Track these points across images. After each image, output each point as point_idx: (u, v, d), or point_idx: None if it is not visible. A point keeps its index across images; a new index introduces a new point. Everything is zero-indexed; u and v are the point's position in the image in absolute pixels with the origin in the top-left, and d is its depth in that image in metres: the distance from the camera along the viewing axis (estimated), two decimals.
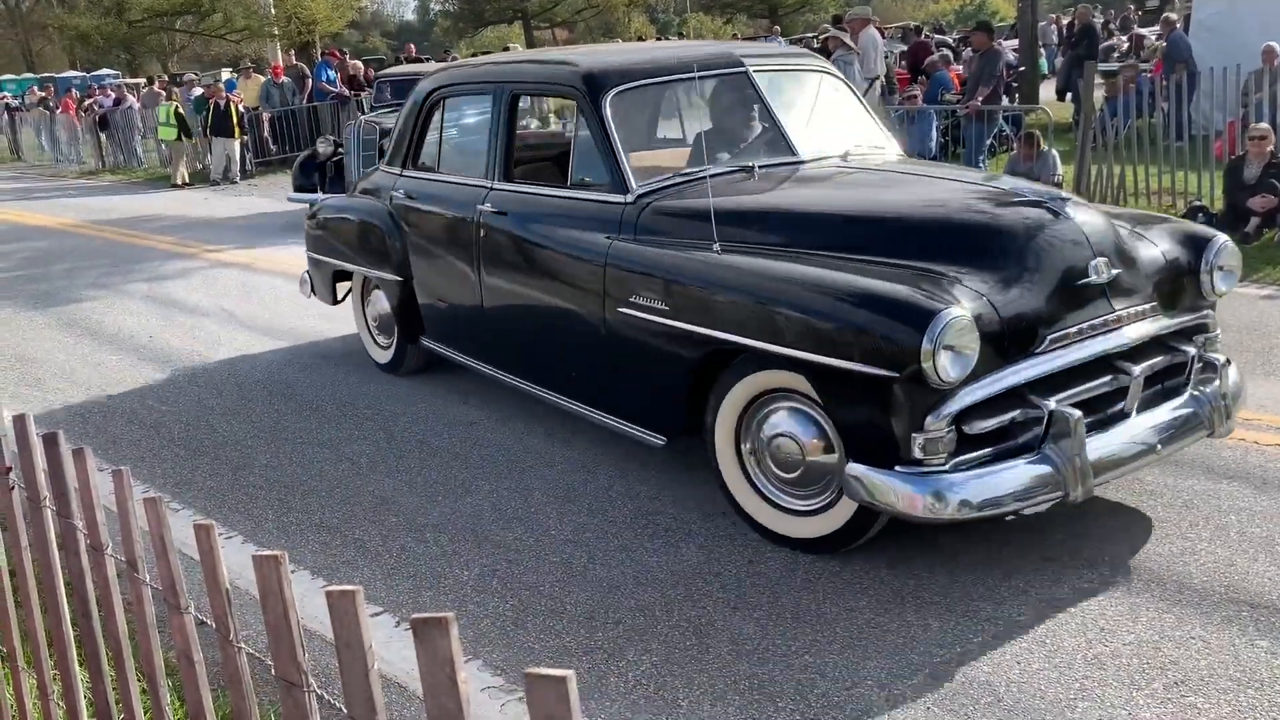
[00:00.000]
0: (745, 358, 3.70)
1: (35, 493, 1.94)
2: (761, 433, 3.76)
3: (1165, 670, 2.95)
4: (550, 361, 4.72)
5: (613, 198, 4.33)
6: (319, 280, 6.50)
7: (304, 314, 7.78)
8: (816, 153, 4.54)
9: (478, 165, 5.16)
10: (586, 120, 4.47)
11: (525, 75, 5.23)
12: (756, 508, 3.82)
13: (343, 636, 1.11)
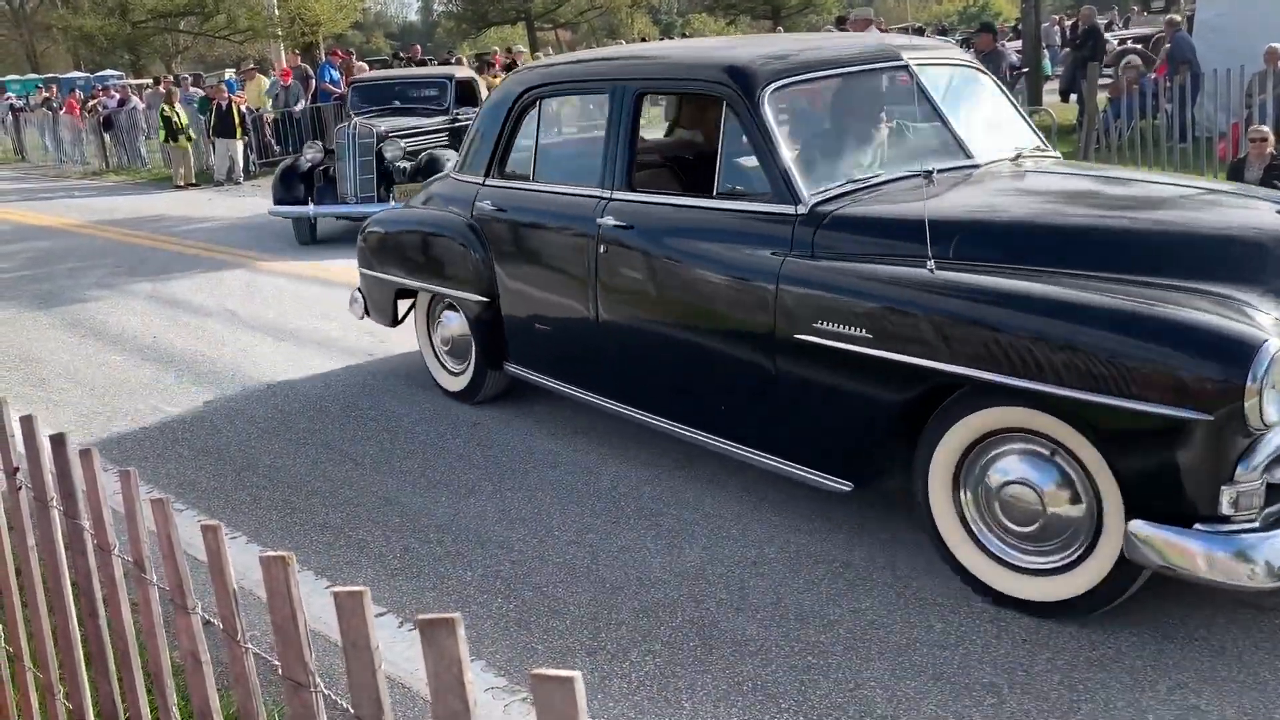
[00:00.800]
0: (968, 393, 3.19)
1: (42, 493, 1.95)
2: (987, 480, 3.26)
3: (1169, 672, 2.95)
4: (695, 396, 4.14)
5: (779, 208, 3.77)
6: (376, 299, 5.90)
7: (307, 314, 7.80)
8: (989, 154, 4.10)
9: (591, 173, 4.57)
10: (740, 120, 3.93)
11: (653, 72, 4.64)
12: (982, 566, 3.32)
13: (350, 636, 1.11)
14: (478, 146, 5.31)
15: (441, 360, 5.66)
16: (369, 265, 5.85)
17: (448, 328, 5.49)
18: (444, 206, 5.41)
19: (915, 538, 3.78)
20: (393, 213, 6.04)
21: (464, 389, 5.48)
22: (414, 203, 5.87)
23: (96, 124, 21.06)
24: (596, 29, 50.25)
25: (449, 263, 5.25)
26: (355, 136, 10.53)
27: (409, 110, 11.87)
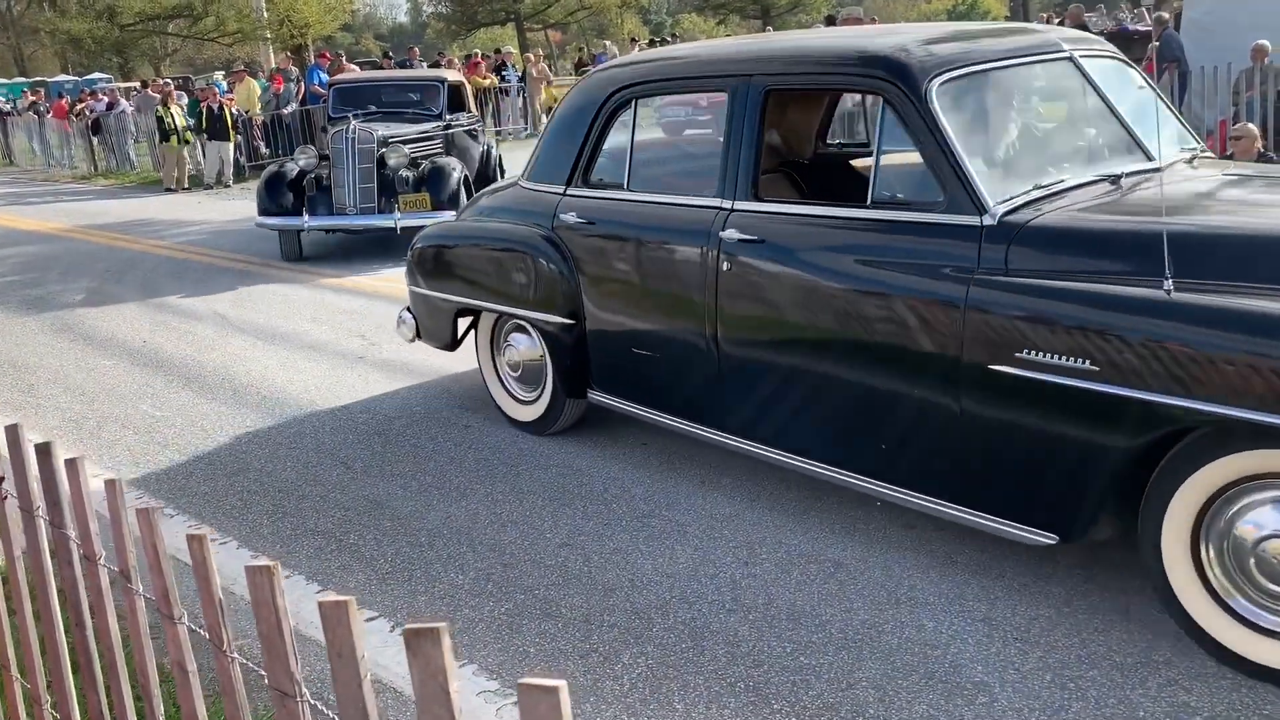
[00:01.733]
0: (1213, 433, 2.80)
1: (28, 502, 1.94)
2: (1235, 533, 2.85)
3: (1159, 669, 2.96)
4: (848, 434, 3.64)
5: (959, 219, 3.30)
6: (431, 320, 5.36)
7: (297, 318, 7.78)
8: (1166, 155, 3.68)
9: (704, 182, 4.11)
10: (903, 118, 3.44)
11: (785, 65, 4.00)
12: (1232, 634, 2.90)
13: (336, 646, 1.11)
14: (555, 153, 4.80)
15: (508, 387, 5.14)
16: (423, 283, 5.30)
17: (517, 351, 4.98)
18: (515, 219, 4.88)
19: (906, 537, 3.79)
20: (451, 225, 5.44)
21: (537, 419, 4.97)
22: (468, 215, 5.39)
23: (85, 128, 20.99)
24: (586, 29, 50.24)
25: (524, 281, 4.73)
26: (354, 142, 9.64)
27: (396, 115, 10.85)
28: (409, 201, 9.52)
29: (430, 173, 9.78)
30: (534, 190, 4.88)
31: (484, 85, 19.64)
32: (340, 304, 8.17)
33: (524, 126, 21.47)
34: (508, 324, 5.06)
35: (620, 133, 4.53)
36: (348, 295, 8.47)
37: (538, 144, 5.01)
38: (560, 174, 4.73)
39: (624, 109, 4.47)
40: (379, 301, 8.20)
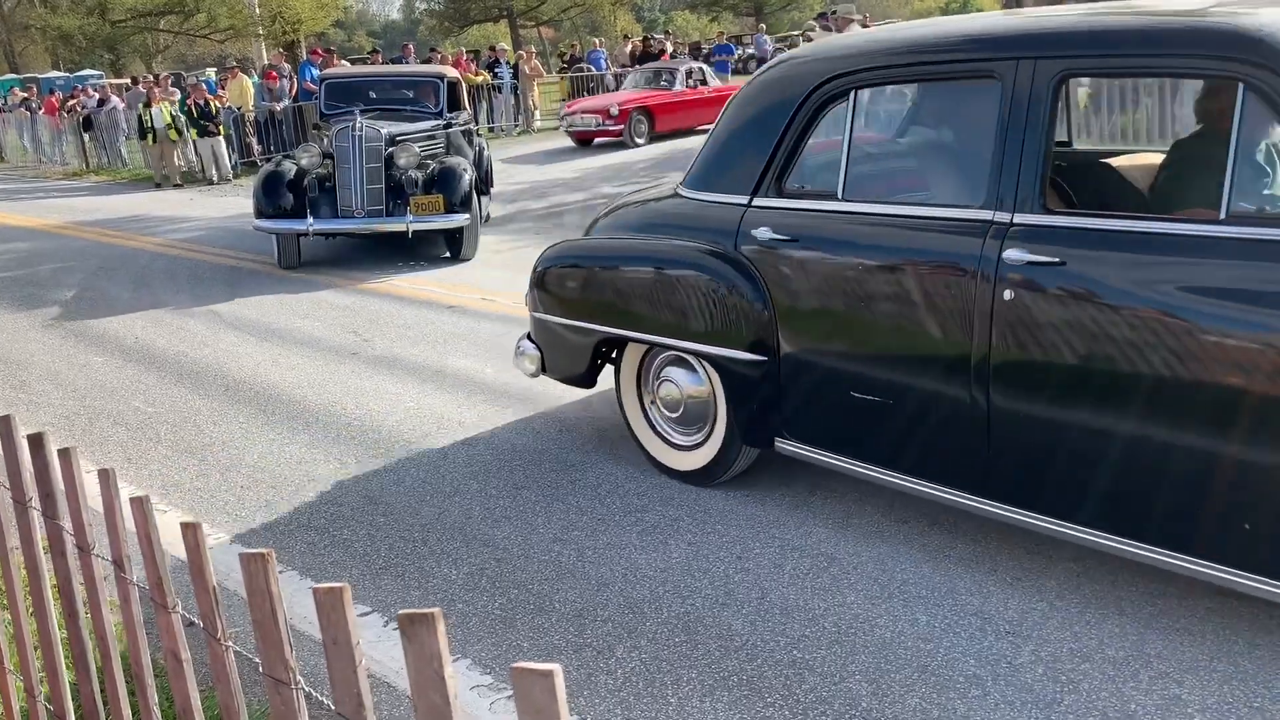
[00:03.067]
0: None
1: (21, 493, 1.94)
2: None
3: (1150, 662, 2.97)
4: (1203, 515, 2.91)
5: None
6: (564, 353, 4.63)
7: (290, 314, 7.77)
8: None
9: (963, 188, 3.46)
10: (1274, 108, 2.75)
11: (1095, 46, 3.20)
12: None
13: (330, 633, 1.11)
14: (734, 157, 4.04)
15: (661, 430, 4.43)
16: (553, 310, 4.59)
17: (677, 389, 4.26)
18: (679, 235, 4.14)
19: (899, 531, 3.80)
20: (589, 244, 4.65)
21: (702, 468, 4.25)
22: (606, 230, 4.66)
23: (76, 124, 20.93)
24: (579, 26, 50.22)
25: (694, 308, 4.00)
26: (361, 140, 9.06)
27: (392, 113, 10.29)
28: (421, 204, 8.98)
29: (440, 173, 9.23)
30: (703, 200, 4.11)
31: (475, 82, 19.62)
32: (333, 300, 8.16)
33: (516, 123, 21.45)
34: (661, 357, 4.36)
35: (830, 130, 3.74)
36: (341, 292, 8.46)
37: (706, 147, 4.19)
38: (742, 181, 3.96)
39: (837, 101, 3.68)
40: (371, 298, 8.20)
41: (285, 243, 9.31)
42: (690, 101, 18.31)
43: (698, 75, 18.96)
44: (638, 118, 17.52)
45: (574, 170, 15.37)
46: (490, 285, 8.32)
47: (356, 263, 9.52)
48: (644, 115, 17.66)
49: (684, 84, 18.49)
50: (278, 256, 9.41)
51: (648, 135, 17.62)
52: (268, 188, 9.16)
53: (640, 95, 18.13)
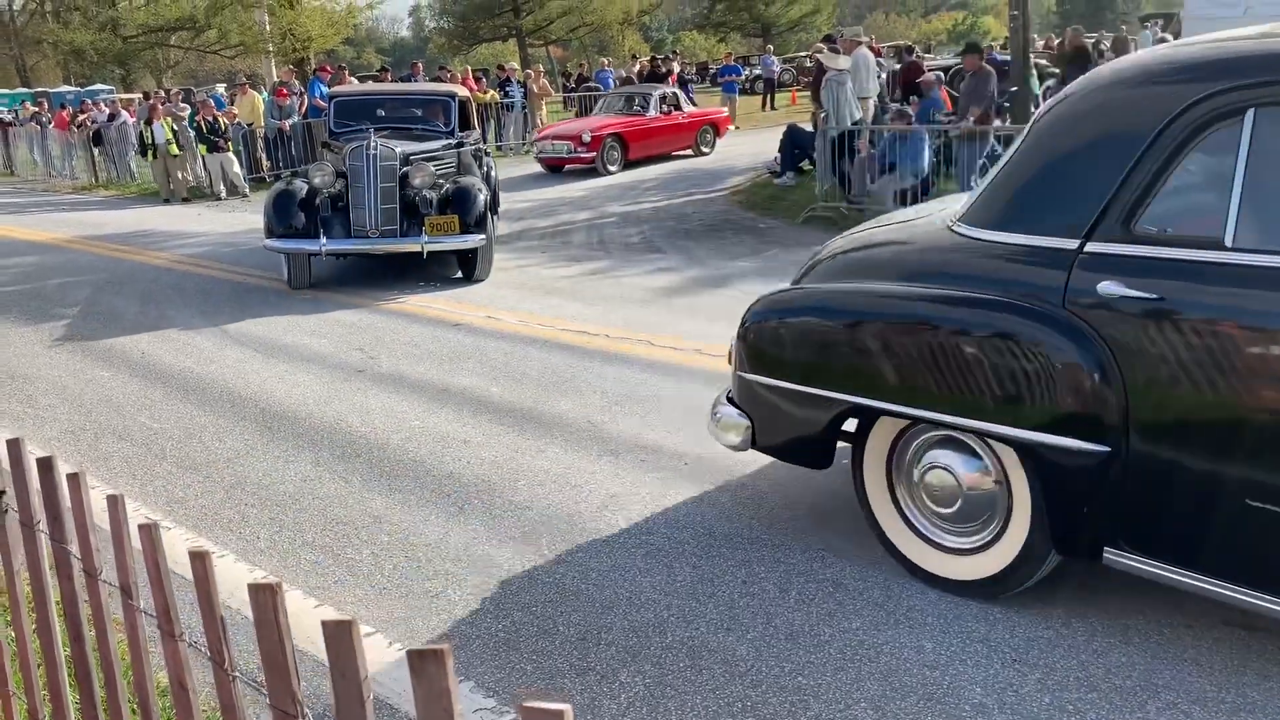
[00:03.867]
0: None
1: (29, 516, 1.94)
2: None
3: (1159, 692, 2.95)
4: None
5: None
6: (788, 424, 3.86)
7: (297, 330, 7.78)
8: None
9: None
10: None
11: None
12: None
13: (339, 666, 1.11)
14: (1058, 187, 3.25)
15: (922, 528, 3.61)
16: (774, 371, 3.82)
17: (952, 479, 3.47)
18: (963, 284, 3.36)
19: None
20: (825, 292, 3.82)
21: (987, 578, 3.44)
22: (837, 275, 3.92)
23: (86, 138, 21.04)
24: (587, 45, 50.47)
25: (1000, 379, 3.17)
26: (375, 159, 8.91)
27: (402, 131, 10.14)
28: (436, 224, 8.87)
29: (455, 194, 9.14)
30: (1003, 243, 3.32)
31: (483, 101, 19.71)
32: (340, 317, 8.17)
33: (523, 143, 21.53)
34: (925, 436, 3.57)
35: (1218, 159, 2.93)
36: (347, 309, 8.48)
37: (1004, 175, 3.42)
38: (1068, 221, 3.17)
39: (1222, 122, 2.87)
40: (378, 315, 8.21)
41: (296, 263, 9.17)
42: (664, 128, 17.76)
43: (671, 100, 18.31)
44: (610, 144, 16.90)
45: (581, 189, 15.41)
46: (496, 304, 8.34)
47: (366, 282, 9.54)
48: (617, 142, 17.03)
49: (658, 109, 17.85)
50: (288, 276, 9.29)
51: (620, 162, 17.01)
52: (279, 207, 9.00)
53: (613, 121, 17.48)
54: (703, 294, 8.39)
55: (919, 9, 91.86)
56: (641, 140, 17.37)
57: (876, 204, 10.80)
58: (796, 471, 4.61)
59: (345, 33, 30.29)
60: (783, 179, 13.44)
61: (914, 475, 3.61)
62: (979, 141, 10.40)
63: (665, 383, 6.00)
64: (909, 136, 10.69)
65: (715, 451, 4.89)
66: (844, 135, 11.24)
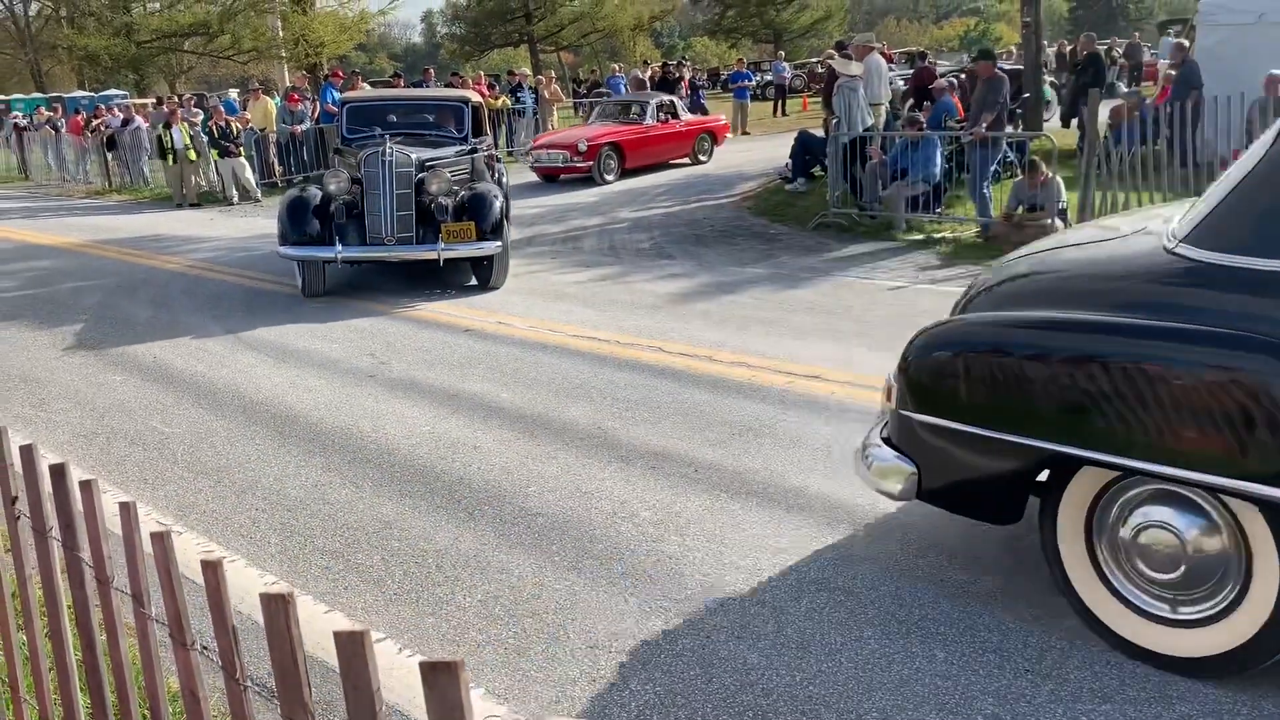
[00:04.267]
0: None
1: (41, 523, 1.94)
2: None
3: (1172, 704, 2.93)
4: None
5: None
6: (967, 474, 3.39)
7: (309, 335, 7.80)
8: None
9: None
10: None
11: None
12: None
13: (350, 678, 1.10)
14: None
15: (1130, 596, 3.16)
16: (950, 412, 3.35)
17: (1176, 540, 3.03)
18: (1199, 317, 2.92)
19: (917, 565, 3.76)
20: (1008, 321, 3.40)
21: (1216, 656, 3.00)
22: (1014, 298, 3.57)
23: (100, 143, 21.15)
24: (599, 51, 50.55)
25: (1247, 426, 2.74)
26: (391, 165, 8.78)
27: (416, 137, 9.94)
28: (453, 231, 8.76)
29: (471, 200, 9.02)
30: (1248, 269, 2.89)
31: (495, 107, 19.74)
32: (351, 323, 8.19)
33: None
34: (1135, 491, 3.13)
35: None
36: (359, 315, 8.49)
37: (1244, 190, 3.01)
38: None
39: None
40: (390, 321, 8.22)
41: (310, 270, 9.07)
42: (662, 136, 17.39)
43: (669, 108, 17.88)
44: (607, 154, 16.52)
45: (593, 195, 15.42)
46: (507, 309, 8.34)
47: (379, 288, 9.55)
48: (614, 152, 16.65)
49: (655, 118, 17.43)
50: (302, 284, 9.20)
51: (617, 172, 16.66)
52: (293, 214, 8.89)
53: (609, 130, 17.13)
54: (714, 300, 8.38)
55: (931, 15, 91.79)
56: (638, 149, 17.04)
57: (888, 210, 10.79)
58: (807, 475, 4.59)
59: (357, 38, 30.38)
60: (794, 185, 13.43)
61: (1122, 534, 3.14)
62: (991, 148, 10.37)
63: (676, 389, 5.99)
64: (921, 143, 10.67)
65: (725, 459, 4.88)
66: (856, 141, 11.23)
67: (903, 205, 10.71)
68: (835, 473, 4.64)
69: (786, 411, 5.52)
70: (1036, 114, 13.95)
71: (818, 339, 6.94)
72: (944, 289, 8.39)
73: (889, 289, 8.43)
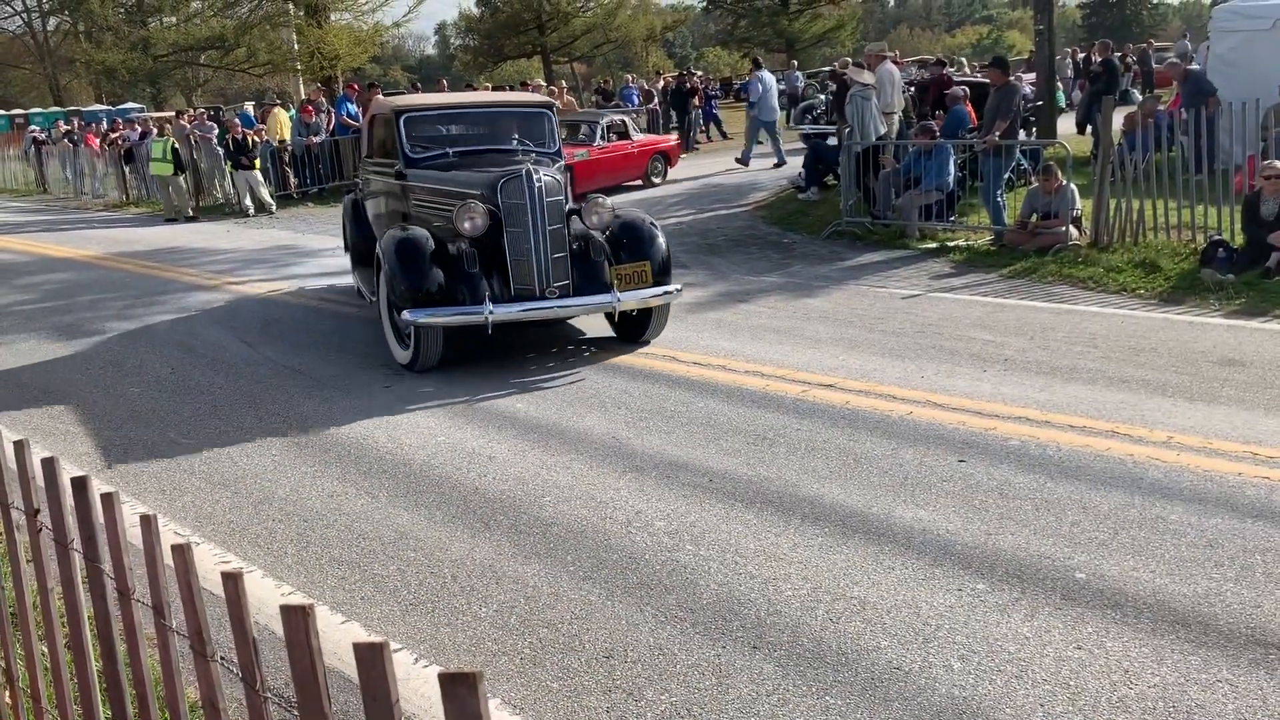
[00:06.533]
0: None
1: (63, 535, 1.96)
2: None
3: (1191, 714, 2.91)
4: None
5: None
6: None
7: (324, 345, 7.84)
8: None
9: None
10: None
11: None
12: None
13: (369, 690, 1.11)
14: None
15: None
16: None
17: None
18: None
19: (932, 575, 3.76)
20: None
21: None
22: None
23: (117, 156, 21.33)
24: (611, 62, 50.68)
25: None
26: (540, 194, 6.77)
27: (503, 155, 7.92)
28: (625, 274, 6.89)
29: (623, 230, 7.13)
30: None
31: None
32: (366, 333, 8.22)
33: None
34: None
35: None
36: (374, 325, 8.53)
37: None
38: None
39: None
40: None
41: (431, 339, 6.79)
42: (613, 159, 16.32)
43: (619, 128, 16.85)
44: None
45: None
46: None
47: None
48: None
49: (604, 138, 16.32)
50: (414, 355, 6.88)
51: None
52: (411, 263, 6.71)
53: None
54: (728, 309, 8.38)
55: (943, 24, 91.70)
56: (589, 174, 15.26)
57: (901, 219, 10.77)
58: (824, 484, 4.59)
59: (372, 51, 30.52)
60: (807, 194, 13.43)
61: None
62: (1004, 156, 10.35)
63: (690, 398, 6.00)
64: (934, 151, 10.66)
65: (739, 468, 4.89)
66: (869, 150, 11.22)
67: (916, 214, 10.69)
68: (850, 481, 4.63)
69: (801, 420, 5.52)
70: (1050, 121, 13.93)
71: (832, 347, 6.94)
72: (958, 297, 8.38)
73: (903, 297, 8.42)
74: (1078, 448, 4.89)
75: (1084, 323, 7.29)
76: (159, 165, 17.29)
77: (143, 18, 35.89)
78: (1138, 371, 6.02)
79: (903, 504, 4.40)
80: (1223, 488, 4.34)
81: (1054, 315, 7.56)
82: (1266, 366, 5.97)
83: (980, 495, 4.44)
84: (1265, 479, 4.40)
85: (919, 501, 4.41)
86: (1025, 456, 4.84)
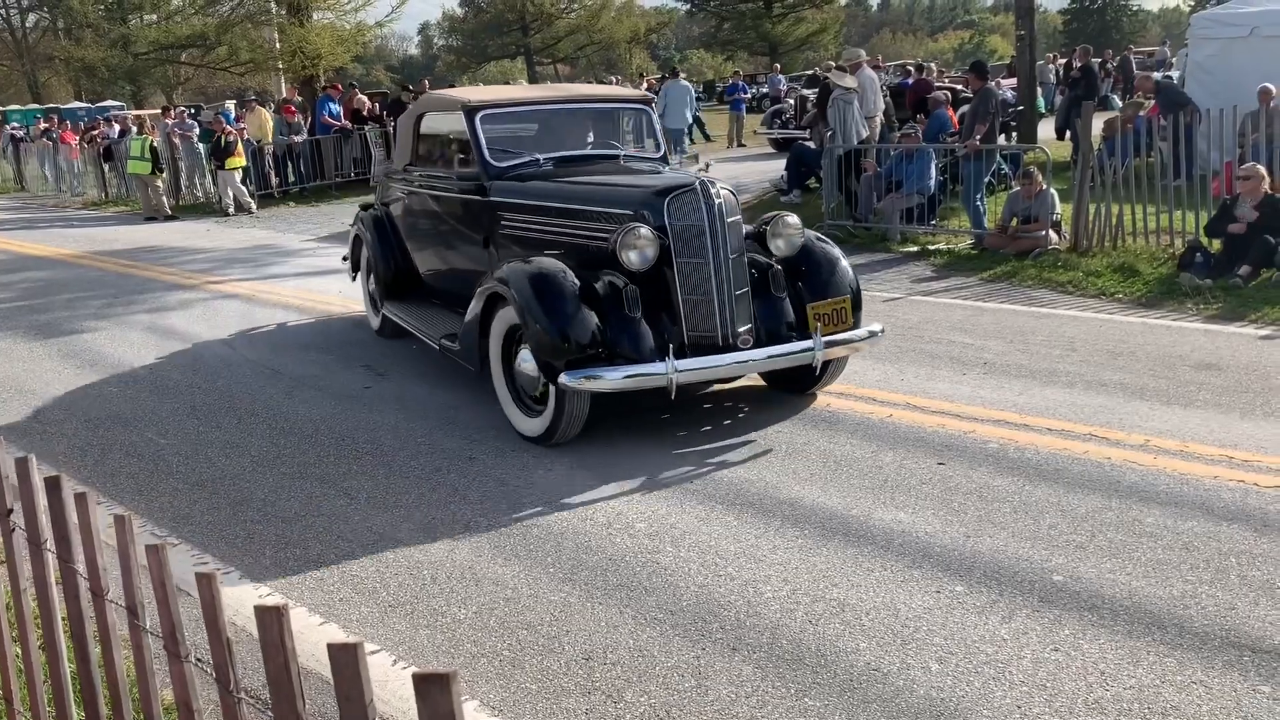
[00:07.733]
0: None
1: (36, 535, 1.95)
2: None
3: (1166, 715, 2.93)
4: None
5: None
6: None
7: (304, 346, 7.80)
8: None
9: None
10: None
11: None
12: None
13: (343, 690, 1.11)
14: None
15: None
16: None
17: None
18: None
19: (911, 577, 3.77)
20: None
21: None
22: None
23: (96, 154, 21.17)
24: (595, 64, 50.70)
25: None
26: (720, 213, 5.31)
27: (603, 159, 6.69)
28: (823, 313, 5.54)
29: (805, 257, 5.72)
30: None
31: None
32: (346, 334, 8.20)
33: None
34: None
35: None
36: (355, 326, 8.50)
37: None
38: None
39: None
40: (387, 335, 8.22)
41: (575, 403, 5.19)
42: None
43: None
44: None
45: None
46: None
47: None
48: None
49: None
50: (549, 425, 5.32)
51: None
52: (558, 311, 5.13)
53: None
54: None
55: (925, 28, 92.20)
56: None
57: (883, 222, 10.82)
58: (804, 486, 4.61)
59: (355, 51, 30.39)
60: (789, 197, 13.46)
61: None
62: (985, 160, 10.41)
63: (670, 401, 5.99)
64: (915, 155, 10.71)
65: (720, 470, 4.89)
66: (850, 154, 11.26)
67: (897, 217, 10.74)
68: (829, 483, 4.65)
69: (783, 423, 5.53)
70: (1031, 125, 14.02)
71: None
72: (938, 300, 8.42)
73: (884, 300, 8.46)
74: (1056, 450, 4.93)
75: (1063, 326, 7.34)
76: (137, 164, 17.17)
77: (123, 15, 35.66)
78: (1116, 375, 6.07)
79: (882, 506, 4.42)
80: (1199, 491, 4.38)
81: (1033, 319, 7.61)
82: (1243, 371, 6.03)
83: (959, 498, 4.46)
84: (1240, 482, 4.44)
85: (898, 504, 4.43)
86: (1004, 459, 4.87)
